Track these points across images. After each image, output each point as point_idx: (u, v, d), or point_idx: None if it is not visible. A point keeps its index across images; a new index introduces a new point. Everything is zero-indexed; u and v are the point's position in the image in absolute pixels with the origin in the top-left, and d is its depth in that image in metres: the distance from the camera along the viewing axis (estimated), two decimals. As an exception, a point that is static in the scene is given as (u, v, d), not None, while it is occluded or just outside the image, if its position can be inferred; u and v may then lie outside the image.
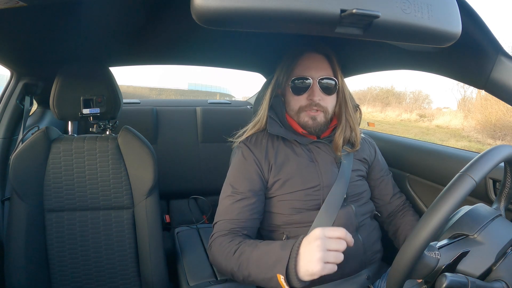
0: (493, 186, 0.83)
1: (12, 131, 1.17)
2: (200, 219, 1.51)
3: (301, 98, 0.88)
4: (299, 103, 0.88)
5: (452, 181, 0.49)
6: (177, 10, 0.87)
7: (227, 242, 0.78)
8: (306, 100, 0.87)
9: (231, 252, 0.75)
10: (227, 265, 0.76)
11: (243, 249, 0.74)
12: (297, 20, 0.39)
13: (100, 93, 0.99)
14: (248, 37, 1.15)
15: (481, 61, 0.66)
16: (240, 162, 0.89)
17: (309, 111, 0.87)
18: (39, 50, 1.00)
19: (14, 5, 0.56)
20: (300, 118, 0.89)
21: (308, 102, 0.87)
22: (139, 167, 0.98)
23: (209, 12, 0.36)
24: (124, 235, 0.99)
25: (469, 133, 8.32)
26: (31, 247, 0.92)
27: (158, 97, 18.25)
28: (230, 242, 0.77)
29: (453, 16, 0.45)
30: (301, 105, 0.88)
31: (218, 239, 0.80)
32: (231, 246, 0.76)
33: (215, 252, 0.80)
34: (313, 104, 0.86)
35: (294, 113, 0.90)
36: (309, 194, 0.85)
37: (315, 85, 0.86)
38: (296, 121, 0.90)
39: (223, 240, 0.79)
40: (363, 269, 0.86)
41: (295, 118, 0.90)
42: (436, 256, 0.50)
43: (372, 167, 0.98)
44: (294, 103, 0.89)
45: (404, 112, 12.55)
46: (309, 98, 0.87)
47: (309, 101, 0.87)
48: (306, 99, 0.87)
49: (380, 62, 1.09)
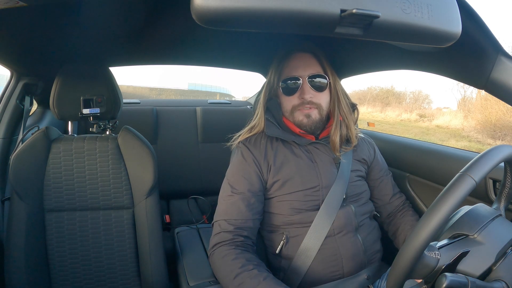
0: (493, 186, 0.83)
1: (12, 131, 1.17)
2: (200, 219, 1.51)
3: (293, 98, 0.88)
4: (292, 103, 0.89)
5: (452, 181, 0.49)
6: (177, 10, 0.87)
7: (230, 259, 0.76)
8: (298, 99, 0.88)
9: (232, 274, 0.74)
10: (224, 284, 0.76)
11: (244, 280, 0.72)
12: (297, 20, 0.39)
13: (100, 93, 0.99)
14: (248, 37, 1.15)
15: (481, 61, 0.66)
16: (239, 162, 0.89)
17: (302, 109, 0.87)
18: (39, 50, 1.00)
19: (14, 5, 0.56)
20: (294, 117, 0.89)
21: (300, 101, 0.87)
22: (139, 167, 0.98)
23: (209, 12, 0.36)
24: (124, 235, 0.99)
25: (469, 133, 8.31)
26: (31, 247, 0.92)
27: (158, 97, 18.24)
28: (233, 261, 0.75)
29: (453, 16, 0.45)
30: (294, 105, 0.88)
31: (221, 250, 0.79)
32: (234, 266, 0.74)
33: (216, 264, 0.79)
34: (305, 102, 0.87)
35: (289, 114, 0.90)
36: (309, 195, 0.85)
37: (305, 84, 0.87)
38: (291, 121, 0.90)
39: (226, 254, 0.77)
40: (363, 269, 0.86)
41: (290, 118, 0.90)
42: (436, 256, 0.50)
43: (372, 167, 0.98)
44: (286, 104, 0.90)
45: (404, 112, 12.53)
46: (300, 97, 0.87)
47: (301, 99, 0.87)
48: (298, 98, 0.88)
49: (380, 62, 1.09)
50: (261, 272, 0.73)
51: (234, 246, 0.79)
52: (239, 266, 0.74)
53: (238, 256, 0.76)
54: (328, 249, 0.83)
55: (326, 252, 0.83)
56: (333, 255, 0.83)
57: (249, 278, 0.72)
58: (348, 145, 0.92)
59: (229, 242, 0.80)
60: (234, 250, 0.78)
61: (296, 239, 0.84)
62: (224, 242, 0.80)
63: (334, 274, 0.83)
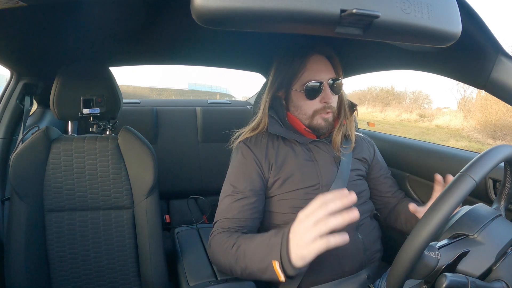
0: (493, 186, 0.83)
1: (12, 131, 1.17)
2: (200, 219, 1.51)
3: (315, 102, 0.88)
4: (313, 107, 0.88)
5: (452, 181, 0.49)
6: (177, 10, 0.87)
7: (225, 237, 0.79)
8: (319, 103, 0.87)
9: (229, 246, 0.76)
10: (226, 260, 0.77)
11: (240, 242, 0.75)
12: (297, 20, 0.38)
13: (100, 93, 0.99)
14: (248, 37, 1.15)
15: (481, 61, 0.66)
16: (240, 161, 0.89)
17: (323, 114, 0.88)
18: (39, 50, 1.00)
19: (14, 5, 0.57)
20: (313, 121, 0.89)
21: (323, 105, 0.87)
22: (139, 167, 0.98)
23: (209, 12, 0.36)
24: (124, 235, 0.99)
25: (469, 133, 8.32)
26: (31, 247, 0.92)
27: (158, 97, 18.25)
28: (228, 238, 0.78)
29: (453, 16, 0.45)
30: (316, 109, 0.88)
31: (217, 236, 0.81)
32: (229, 241, 0.77)
33: (214, 249, 0.80)
34: (327, 107, 0.87)
35: (307, 117, 0.89)
36: (309, 193, 0.85)
37: (327, 88, 0.87)
38: (307, 124, 0.89)
39: (221, 237, 0.80)
40: (363, 269, 0.86)
41: (307, 121, 0.89)
42: (436, 256, 0.50)
43: (372, 166, 0.99)
44: (307, 108, 0.89)
45: (404, 112, 12.53)
46: (323, 101, 0.87)
47: (324, 104, 0.87)
48: (319, 102, 0.87)
49: (380, 62, 1.09)
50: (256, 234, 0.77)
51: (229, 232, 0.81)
52: (235, 237, 0.77)
53: (232, 234, 0.79)
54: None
55: (326, 251, 0.83)
56: (333, 254, 0.83)
57: (244, 239, 0.76)
58: (347, 144, 0.92)
59: (226, 229, 0.82)
60: (228, 232, 0.81)
61: (296, 238, 0.84)
62: (220, 230, 0.82)
63: (334, 274, 0.83)
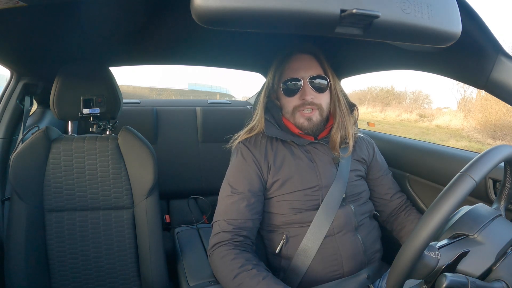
0: (493, 186, 0.83)
1: (12, 131, 1.17)
2: (200, 219, 1.51)
3: (294, 99, 0.89)
4: (293, 104, 0.89)
5: (452, 181, 0.49)
6: (177, 10, 0.87)
7: (230, 259, 0.76)
8: (298, 100, 0.88)
9: (231, 274, 0.74)
10: (224, 284, 0.76)
11: (244, 279, 0.72)
12: (297, 20, 0.38)
13: (100, 93, 0.99)
14: (248, 37, 1.15)
15: (481, 61, 0.66)
16: (239, 162, 0.89)
17: (303, 111, 0.88)
18: (39, 50, 1.00)
19: (14, 5, 0.57)
20: (295, 119, 0.89)
21: (301, 102, 0.88)
22: (139, 167, 0.98)
23: (209, 12, 0.36)
24: (124, 235, 0.99)
25: (469, 133, 8.31)
26: (31, 247, 0.92)
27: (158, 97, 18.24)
28: (232, 261, 0.76)
29: (453, 16, 0.45)
30: (295, 105, 0.89)
31: (221, 250, 0.79)
32: (233, 266, 0.75)
33: (215, 264, 0.79)
34: (306, 103, 0.87)
35: (290, 115, 0.90)
36: (308, 194, 0.85)
37: (306, 85, 0.87)
38: (292, 122, 0.90)
39: (226, 255, 0.77)
40: (363, 269, 0.86)
41: (291, 119, 0.90)
42: (436, 256, 0.50)
43: (371, 166, 0.99)
44: (288, 105, 0.90)
45: (404, 112, 12.52)
46: (301, 98, 0.87)
47: (302, 100, 0.87)
48: (298, 99, 0.88)
49: (380, 62, 1.09)
50: (260, 271, 0.73)
51: (233, 246, 0.79)
52: (238, 266, 0.74)
53: (237, 256, 0.76)
54: (328, 248, 0.83)
55: (326, 251, 0.83)
56: (333, 254, 0.83)
57: (248, 278, 0.72)
58: (346, 145, 0.92)
59: (228, 242, 0.80)
60: (233, 250, 0.78)
61: (296, 238, 0.85)
62: (223, 242, 0.80)
63: (334, 274, 0.83)
